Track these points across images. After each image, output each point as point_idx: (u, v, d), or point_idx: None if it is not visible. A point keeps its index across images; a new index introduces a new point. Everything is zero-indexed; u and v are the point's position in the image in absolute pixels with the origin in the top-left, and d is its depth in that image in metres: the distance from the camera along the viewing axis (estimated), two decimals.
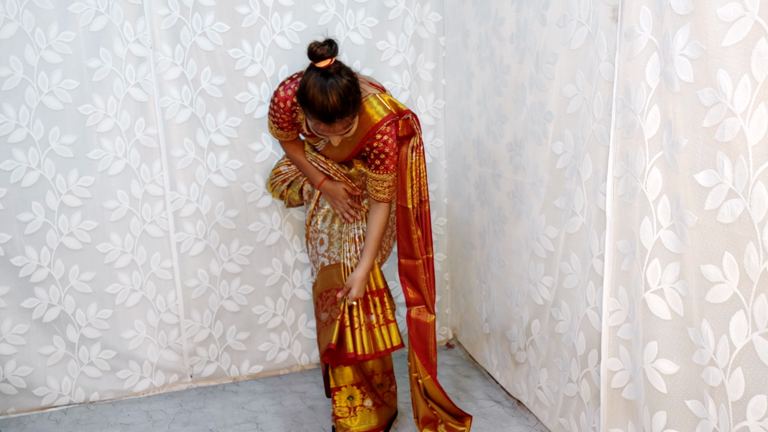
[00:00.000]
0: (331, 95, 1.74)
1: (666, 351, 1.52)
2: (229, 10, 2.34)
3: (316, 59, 1.75)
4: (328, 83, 1.74)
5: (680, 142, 1.39)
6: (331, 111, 1.76)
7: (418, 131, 1.94)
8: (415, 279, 2.06)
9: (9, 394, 2.41)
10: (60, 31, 2.21)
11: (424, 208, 2.01)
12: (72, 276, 2.39)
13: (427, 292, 2.06)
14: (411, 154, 1.94)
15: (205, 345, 2.60)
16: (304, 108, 1.81)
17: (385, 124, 1.89)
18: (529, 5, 1.98)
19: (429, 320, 2.07)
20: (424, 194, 2.00)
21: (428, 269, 2.05)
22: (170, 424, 2.36)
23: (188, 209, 2.46)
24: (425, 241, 2.03)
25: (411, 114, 1.93)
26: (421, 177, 1.98)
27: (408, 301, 2.09)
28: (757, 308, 1.27)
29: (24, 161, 2.26)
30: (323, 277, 2.16)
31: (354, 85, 1.79)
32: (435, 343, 2.10)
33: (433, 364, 2.10)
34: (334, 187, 2.10)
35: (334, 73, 1.76)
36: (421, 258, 2.02)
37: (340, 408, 2.16)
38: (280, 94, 1.96)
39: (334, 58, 1.77)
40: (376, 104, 1.90)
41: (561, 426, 2.06)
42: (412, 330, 2.08)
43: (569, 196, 1.88)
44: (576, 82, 1.79)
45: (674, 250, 1.46)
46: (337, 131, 1.84)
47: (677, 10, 1.34)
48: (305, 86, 1.77)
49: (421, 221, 2.01)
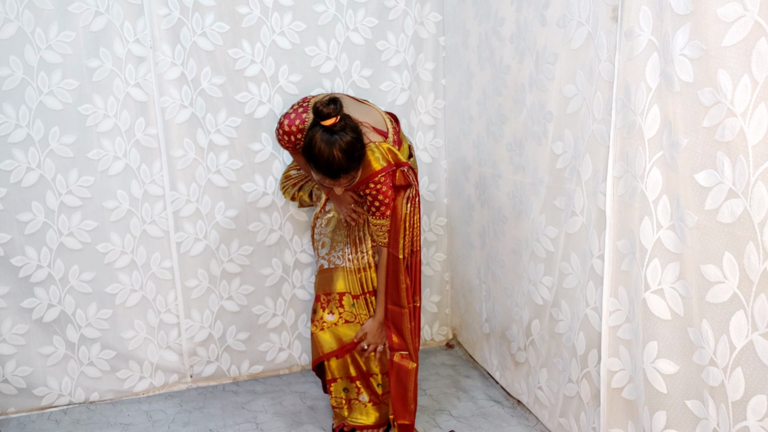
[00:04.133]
0: (336, 152, 1.78)
1: (666, 351, 1.52)
2: (229, 10, 2.34)
3: (322, 118, 1.79)
4: (333, 140, 1.78)
5: (680, 142, 1.38)
6: (336, 168, 1.80)
7: (414, 183, 1.97)
8: (399, 326, 2.06)
9: (9, 394, 2.41)
10: (60, 31, 2.20)
11: (416, 258, 2.03)
12: (72, 276, 2.39)
13: (410, 340, 2.06)
14: (406, 205, 1.97)
15: (205, 345, 2.60)
16: (310, 163, 1.85)
17: (381, 175, 1.93)
18: (529, 5, 1.98)
19: (410, 367, 2.07)
20: (417, 245, 2.02)
21: (414, 318, 2.06)
22: (170, 424, 2.35)
23: (188, 209, 2.46)
24: (413, 290, 2.04)
25: (408, 166, 1.96)
26: (414, 228, 2.00)
27: (391, 345, 2.09)
28: (757, 308, 1.26)
29: (24, 161, 2.26)
30: (319, 279, 2.22)
31: (359, 141, 1.83)
32: (415, 391, 2.09)
33: (410, 411, 2.10)
34: (341, 195, 2.11)
35: (338, 131, 1.79)
36: (408, 306, 2.03)
37: (336, 398, 2.22)
38: (285, 127, 1.99)
39: (339, 116, 1.80)
40: (377, 153, 1.93)
41: (561, 426, 2.06)
42: (393, 375, 2.10)
43: (569, 196, 1.88)
44: (576, 82, 1.79)
45: (674, 250, 1.46)
46: (342, 185, 1.89)
47: (677, 10, 1.34)
48: (311, 143, 1.81)
49: (411, 270, 2.02)
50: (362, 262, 2.14)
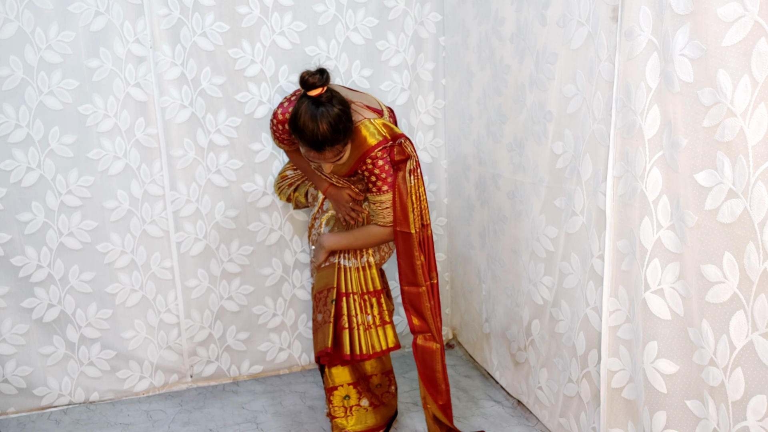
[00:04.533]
0: (321, 124, 1.76)
1: (666, 351, 1.52)
2: (229, 10, 2.34)
3: (308, 88, 1.77)
4: (318, 112, 1.76)
5: (680, 142, 1.38)
6: (321, 139, 1.78)
7: (414, 155, 1.94)
8: (418, 307, 2.01)
9: (9, 394, 2.41)
10: (60, 31, 2.20)
11: (427, 232, 1.98)
12: (72, 276, 2.39)
13: (431, 320, 2.00)
14: (409, 177, 1.94)
15: (205, 345, 2.60)
16: (295, 135, 1.83)
17: (377, 149, 1.90)
18: (529, 5, 1.98)
19: (435, 348, 2.01)
20: (426, 218, 1.98)
21: (433, 296, 2.00)
22: (170, 424, 2.36)
23: (188, 209, 2.46)
24: (428, 267, 1.99)
25: (404, 138, 1.93)
26: (421, 200, 1.96)
27: (412, 328, 2.04)
28: (757, 308, 1.26)
29: (24, 161, 2.26)
30: (319, 278, 2.18)
31: (345, 114, 1.81)
32: (444, 371, 2.03)
33: (441, 391, 2.04)
34: (338, 193, 2.11)
35: (325, 102, 1.78)
36: (425, 284, 1.97)
37: (335, 408, 2.16)
38: (278, 116, 1.99)
39: (326, 86, 1.78)
40: (372, 128, 1.90)
41: (561, 426, 2.06)
42: (419, 358, 2.04)
43: (569, 196, 1.88)
44: (576, 82, 1.79)
45: (674, 250, 1.46)
46: (328, 159, 1.87)
47: (677, 10, 1.34)
48: (297, 114, 1.80)
49: (424, 246, 1.97)
50: (362, 261, 2.12)
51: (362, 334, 2.06)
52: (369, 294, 2.11)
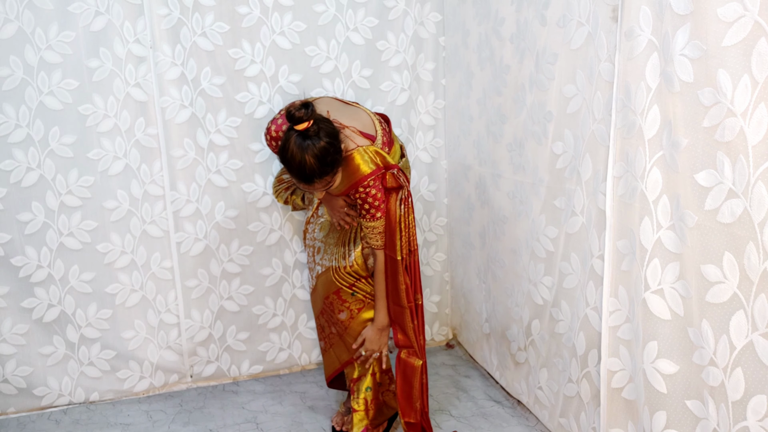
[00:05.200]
0: (308, 157, 1.77)
1: (666, 351, 1.52)
2: (229, 10, 2.34)
3: (295, 122, 1.77)
4: (305, 144, 1.77)
5: (680, 142, 1.38)
6: (308, 172, 1.79)
7: (405, 185, 1.96)
8: (402, 324, 2.05)
9: (9, 394, 2.41)
10: (60, 31, 2.20)
11: (414, 258, 2.02)
12: (72, 276, 2.39)
13: (414, 338, 2.04)
14: (399, 206, 1.95)
15: (205, 345, 2.60)
16: (284, 165, 1.84)
17: (370, 178, 1.92)
18: (529, 5, 1.98)
19: (416, 364, 2.05)
20: (413, 245, 2.01)
21: (416, 316, 2.04)
22: (170, 424, 2.36)
23: (188, 209, 2.46)
24: (414, 289, 2.03)
25: (397, 169, 1.95)
26: (410, 228, 1.99)
27: (397, 342, 2.08)
28: (757, 308, 1.26)
29: (24, 161, 2.26)
30: (322, 282, 2.20)
31: (332, 146, 1.81)
32: (421, 389, 2.07)
33: (415, 409, 2.08)
34: (333, 199, 2.12)
35: (312, 135, 1.78)
36: (408, 306, 2.01)
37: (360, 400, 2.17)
38: (272, 133, 2.00)
39: (312, 120, 1.78)
40: (366, 157, 1.92)
41: (561, 426, 2.06)
42: (399, 371, 2.09)
43: (569, 196, 1.88)
44: (576, 82, 1.79)
45: (674, 250, 1.46)
46: (317, 189, 1.89)
47: (677, 10, 1.34)
48: (284, 147, 1.80)
49: (410, 270, 2.02)
50: (349, 260, 2.13)
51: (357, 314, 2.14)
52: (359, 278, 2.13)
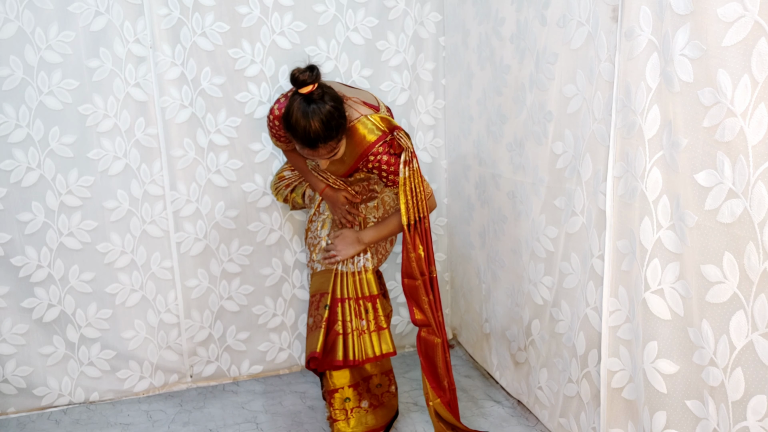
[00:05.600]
0: (313, 121, 1.76)
1: (666, 351, 1.52)
2: (229, 10, 2.34)
3: (299, 85, 1.76)
4: (310, 109, 1.76)
5: (680, 142, 1.38)
6: (313, 136, 1.78)
7: (409, 146, 1.91)
8: (417, 300, 1.99)
9: (9, 394, 2.41)
10: (60, 31, 2.20)
11: (424, 224, 1.95)
12: (72, 276, 2.39)
13: (431, 314, 1.98)
14: (403, 168, 1.91)
15: (205, 345, 2.60)
16: (288, 132, 1.83)
17: (377, 145, 1.90)
18: (529, 5, 1.98)
19: (436, 342, 2.00)
20: (423, 211, 1.95)
21: (431, 290, 1.98)
22: (170, 424, 2.36)
23: (188, 209, 2.46)
24: (427, 260, 1.96)
25: (400, 129, 1.92)
26: (417, 193, 1.93)
27: (414, 321, 2.02)
28: (757, 308, 1.27)
29: (24, 161, 2.26)
30: (314, 282, 2.18)
31: (337, 110, 1.80)
32: (446, 366, 2.01)
33: (444, 387, 2.02)
34: (334, 194, 2.11)
35: (317, 99, 1.77)
36: (420, 278, 1.95)
37: (336, 411, 2.16)
38: (275, 112, 1.99)
39: (317, 83, 1.78)
40: (369, 125, 1.90)
41: (561, 426, 2.06)
42: (421, 351, 2.03)
43: (569, 196, 1.88)
44: (576, 82, 1.79)
45: (674, 250, 1.46)
46: (322, 155, 1.86)
47: (677, 10, 1.34)
48: (289, 112, 1.79)
49: (422, 238, 1.95)
50: (358, 265, 2.11)
51: (356, 339, 2.06)
52: (364, 299, 2.10)
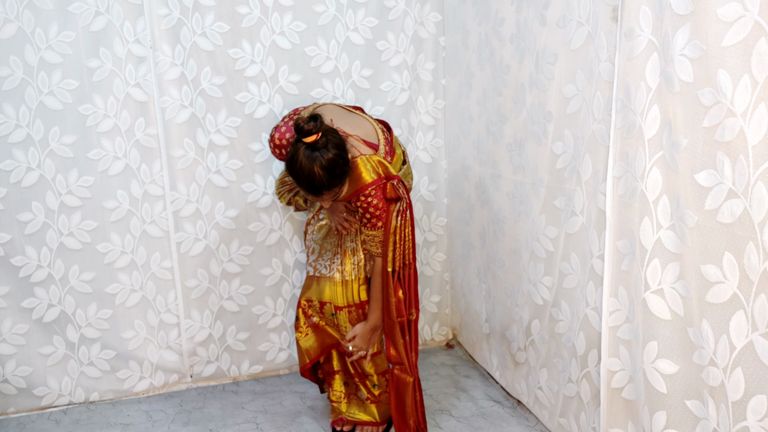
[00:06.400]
0: (317, 169, 1.78)
1: (666, 351, 1.52)
2: (229, 10, 2.34)
3: (303, 135, 1.78)
4: (314, 157, 1.77)
5: (680, 142, 1.39)
6: (318, 185, 1.80)
7: (405, 197, 1.96)
8: (393, 339, 2.03)
9: (9, 394, 2.41)
10: (60, 31, 2.20)
11: (409, 271, 2.01)
12: (72, 276, 2.39)
13: (404, 354, 2.02)
14: (396, 218, 1.95)
15: (205, 345, 2.60)
16: (292, 178, 1.84)
17: (371, 188, 1.92)
18: (529, 5, 1.98)
19: (408, 380, 2.04)
20: (409, 257, 2.00)
21: (408, 332, 2.02)
22: (170, 424, 2.36)
23: (188, 209, 2.46)
24: (407, 304, 2.01)
25: (398, 179, 1.95)
26: (405, 241, 1.98)
27: (389, 357, 2.07)
28: (757, 308, 1.26)
29: (24, 161, 2.26)
30: (305, 286, 2.22)
31: (341, 157, 1.82)
32: (414, 406, 2.05)
33: (409, 426, 2.06)
34: (334, 204, 2.12)
35: (321, 147, 1.78)
36: (398, 320, 1.99)
37: (335, 392, 2.22)
38: (275, 141, 2.01)
39: (321, 133, 1.79)
40: (369, 165, 1.92)
41: (561, 426, 2.06)
42: (392, 388, 2.08)
43: (569, 196, 1.88)
44: (576, 82, 1.79)
45: (674, 250, 1.46)
46: (326, 200, 1.90)
47: (677, 10, 1.34)
48: (293, 159, 1.81)
49: (404, 283, 2.00)
50: (353, 274, 2.12)
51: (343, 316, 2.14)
52: (356, 307, 2.14)
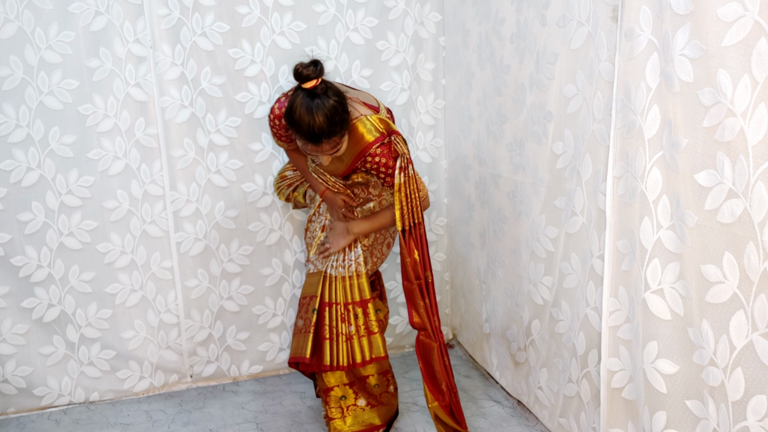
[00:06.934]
0: (317, 116, 1.75)
1: (666, 351, 1.52)
2: (229, 10, 2.34)
3: (302, 80, 1.76)
4: (314, 104, 1.75)
5: (680, 142, 1.39)
6: (317, 132, 1.77)
7: (405, 153, 1.91)
8: (414, 302, 2.00)
9: (9, 394, 2.41)
10: (60, 31, 2.20)
11: (419, 230, 1.96)
12: (72, 276, 2.39)
13: (426, 318, 1.98)
14: (399, 175, 1.91)
15: (205, 345, 2.60)
16: (292, 128, 1.82)
17: (375, 146, 1.89)
18: (529, 5, 1.98)
19: (433, 345, 2.00)
20: (417, 216, 1.95)
21: (427, 294, 1.97)
22: (170, 424, 2.36)
23: (188, 209, 2.46)
24: (423, 265, 1.96)
25: (397, 134, 1.91)
26: (412, 199, 1.93)
27: (412, 324, 2.02)
28: (757, 308, 1.27)
29: (24, 161, 2.26)
30: (306, 283, 2.19)
31: (341, 105, 1.80)
32: (444, 369, 2.00)
33: (442, 391, 2.02)
34: (333, 197, 2.12)
35: (320, 94, 1.76)
36: (416, 282, 1.95)
37: (331, 409, 2.16)
38: (275, 111, 1.98)
39: (321, 78, 1.77)
40: (369, 125, 1.89)
41: (561, 426, 2.06)
42: (420, 354, 2.03)
43: (569, 196, 1.88)
44: (576, 82, 1.79)
45: (674, 250, 1.46)
46: (325, 151, 1.85)
47: (677, 10, 1.34)
48: (292, 107, 1.79)
49: (417, 243, 1.96)
50: (350, 270, 2.11)
51: (342, 344, 2.07)
52: (354, 304, 2.10)
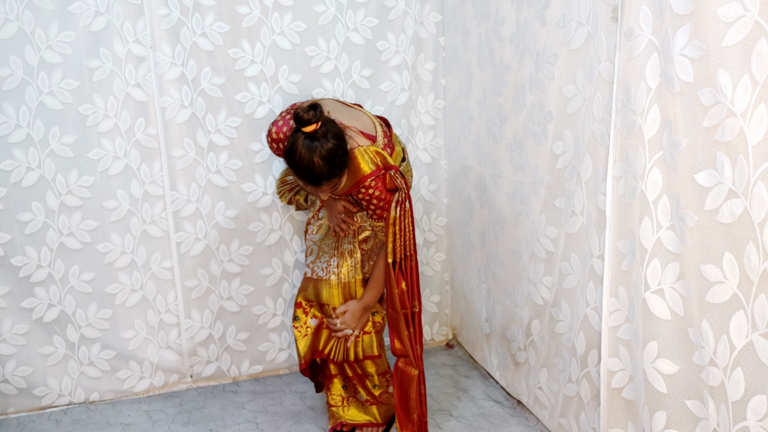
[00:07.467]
0: (317, 160, 1.76)
1: (666, 351, 1.52)
2: (229, 10, 2.34)
3: (302, 124, 1.76)
4: (314, 147, 1.75)
5: (680, 142, 1.39)
6: (317, 175, 1.78)
7: (403, 187, 1.92)
8: (398, 330, 2.01)
9: (9, 394, 2.41)
10: (60, 31, 2.20)
11: (410, 263, 1.98)
12: (72, 276, 2.39)
13: (409, 346, 1.99)
14: (395, 208, 1.92)
15: (205, 345, 2.60)
16: (291, 168, 1.83)
17: (370, 179, 1.90)
18: (529, 5, 1.98)
19: (413, 374, 2.01)
20: (410, 249, 1.97)
21: (412, 323, 1.99)
22: (170, 424, 2.36)
23: (188, 209, 2.46)
24: (411, 296, 1.98)
25: (396, 170, 1.93)
26: (406, 232, 1.95)
27: (393, 350, 2.04)
28: (757, 308, 1.27)
29: (24, 161, 2.26)
30: (302, 287, 2.22)
31: (340, 147, 1.80)
32: (419, 399, 2.02)
33: (412, 420, 2.03)
34: (333, 203, 2.12)
35: (320, 137, 1.76)
36: (401, 312, 1.97)
37: (333, 396, 2.22)
38: (273, 135, 1.99)
39: (320, 122, 1.77)
40: (367, 156, 1.90)
41: (561, 426, 2.06)
42: (396, 381, 2.05)
43: (569, 196, 1.88)
44: (576, 82, 1.79)
45: (674, 250, 1.46)
46: (324, 191, 1.88)
47: (677, 10, 1.34)
48: (292, 149, 1.79)
49: (406, 275, 1.98)
50: (349, 275, 2.12)
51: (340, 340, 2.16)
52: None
